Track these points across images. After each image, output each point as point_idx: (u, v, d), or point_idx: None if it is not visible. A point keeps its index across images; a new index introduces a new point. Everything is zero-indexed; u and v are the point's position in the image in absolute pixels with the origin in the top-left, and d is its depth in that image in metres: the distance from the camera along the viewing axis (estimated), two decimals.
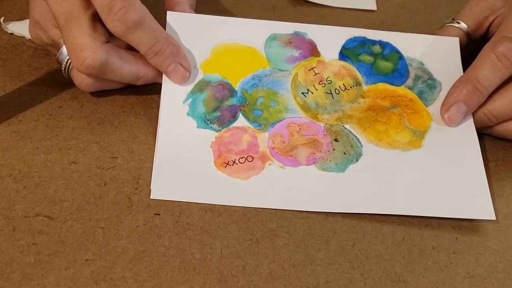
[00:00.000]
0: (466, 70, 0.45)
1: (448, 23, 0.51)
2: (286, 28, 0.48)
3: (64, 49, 0.43)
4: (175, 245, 0.37)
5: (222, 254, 0.37)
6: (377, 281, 0.37)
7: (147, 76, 0.44)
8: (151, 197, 0.39)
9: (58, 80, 0.46)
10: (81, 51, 0.40)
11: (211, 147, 0.42)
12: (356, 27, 0.49)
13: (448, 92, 0.45)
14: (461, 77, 0.45)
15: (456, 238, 0.40)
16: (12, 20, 0.50)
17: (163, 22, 0.45)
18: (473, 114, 0.45)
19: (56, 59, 0.44)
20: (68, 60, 0.43)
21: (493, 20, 0.50)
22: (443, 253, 0.39)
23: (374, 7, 0.58)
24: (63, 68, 0.44)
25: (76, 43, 0.41)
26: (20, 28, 0.50)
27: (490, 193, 0.42)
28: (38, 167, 0.40)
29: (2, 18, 0.50)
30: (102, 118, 0.44)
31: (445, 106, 0.45)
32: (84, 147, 0.42)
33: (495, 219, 0.40)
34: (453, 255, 0.39)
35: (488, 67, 0.44)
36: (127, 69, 0.43)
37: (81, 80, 0.43)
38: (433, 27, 0.53)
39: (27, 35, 0.49)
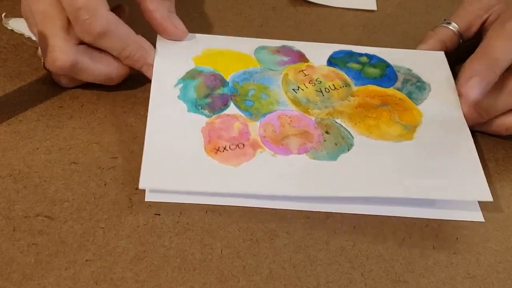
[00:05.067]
0: (479, 47, 0.45)
1: (440, 24, 0.51)
2: (273, 43, 0.50)
3: None
4: (175, 245, 0.37)
5: (222, 254, 0.37)
6: (378, 281, 0.37)
7: (121, 76, 0.45)
8: (139, 187, 0.39)
9: None
10: (52, 51, 0.41)
11: (201, 131, 0.42)
12: (355, 27, 0.50)
13: (463, 68, 0.44)
14: (474, 54, 0.44)
15: (457, 238, 0.40)
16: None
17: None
18: (464, 111, 0.45)
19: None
20: None
21: (487, 18, 0.50)
22: (443, 253, 0.39)
23: (374, 7, 0.58)
24: (42, 63, 0.44)
25: (48, 43, 0.42)
26: (21, 25, 0.50)
27: (491, 193, 0.42)
28: (38, 167, 0.40)
29: (4, 13, 0.50)
30: (102, 118, 0.44)
31: (464, 80, 0.44)
32: (84, 147, 0.42)
33: (491, 200, 0.40)
34: (453, 255, 0.39)
35: (501, 41, 0.43)
36: (99, 70, 0.44)
37: (58, 78, 0.45)
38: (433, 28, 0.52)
39: (27, 32, 0.49)
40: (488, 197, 0.40)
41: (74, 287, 0.35)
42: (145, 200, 0.39)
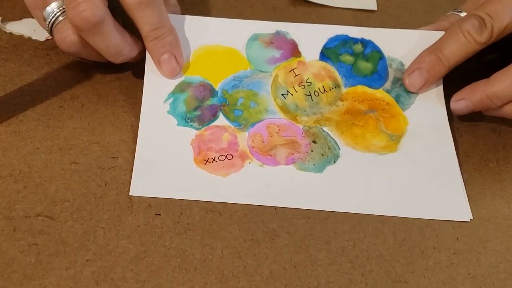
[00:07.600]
0: (435, 42, 0.47)
1: (451, 12, 0.51)
2: (268, 27, 0.49)
3: (53, 4, 0.42)
4: (175, 245, 0.37)
5: (223, 254, 0.37)
6: (378, 282, 0.37)
7: (130, 56, 0.44)
8: (130, 194, 0.39)
9: (58, 80, 0.46)
10: (83, 2, 0.40)
11: (191, 144, 0.42)
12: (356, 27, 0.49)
13: (413, 60, 0.47)
14: (428, 47, 0.47)
15: (457, 238, 0.40)
16: (12, 20, 0.50)
17: None
18: (476, 97, 0.45)
19: (42, 16, 0.43)
20: (54, 15, 0.42)
21: None
22: (444, 254, 0.39)
23: (374, 7, 0.58)
24: (47, 24, 0.43)
25: None
26: (19, 28, 0.50)
27: (491, 193, 0.42)
28: (39, 167, 0.40)
29: (0, 18, 0.50)
30: (102, 118, 0.44)
31: (408, 71, 0.47)
32: (85, 147, 0.42)
33: (469, 220, 0.40)
34: (454, 255, 0.39)
35: (452, 40, 0.45)
36: (116, 39, 0.42)
37: (64, 36, 0.42)
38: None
39: (26, 34, 0.49)
40: (466, 218, 0.41)
41: (74, 287, 0.35)
42: (129, 194, 0.39)
